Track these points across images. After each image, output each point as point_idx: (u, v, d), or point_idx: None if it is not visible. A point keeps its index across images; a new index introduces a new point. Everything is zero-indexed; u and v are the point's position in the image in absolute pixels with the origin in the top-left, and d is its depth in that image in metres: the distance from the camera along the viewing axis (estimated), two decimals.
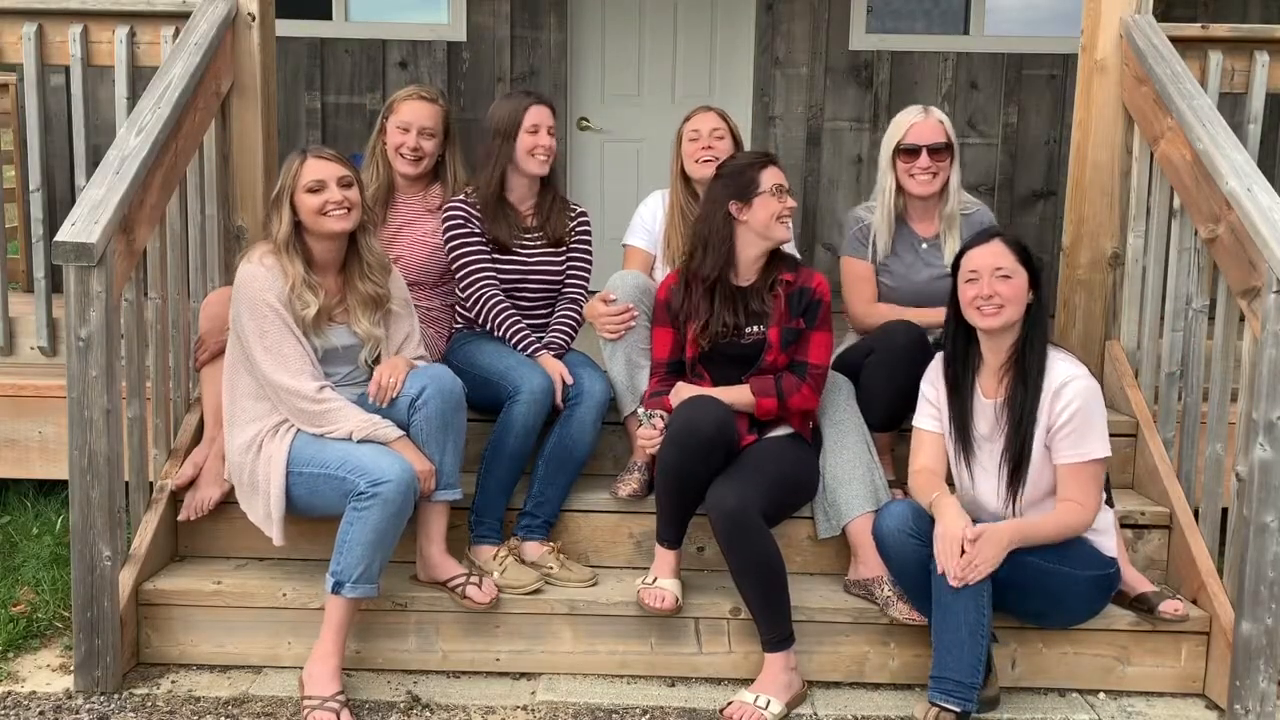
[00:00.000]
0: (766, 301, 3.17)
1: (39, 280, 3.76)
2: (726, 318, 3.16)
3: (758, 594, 2.93)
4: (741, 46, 6.24)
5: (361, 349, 3.11)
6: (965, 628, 2.73)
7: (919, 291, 3.48)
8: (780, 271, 3.20)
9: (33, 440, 3.74)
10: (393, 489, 2.83)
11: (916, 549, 2.83)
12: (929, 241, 3.53)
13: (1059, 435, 2.84)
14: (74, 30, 3.61)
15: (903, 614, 2.99)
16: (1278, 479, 2.83)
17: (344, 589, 2.85)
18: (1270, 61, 3.61)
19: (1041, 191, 6.22)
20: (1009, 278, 2.84)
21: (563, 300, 3.56)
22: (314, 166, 3.01)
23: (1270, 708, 2.88)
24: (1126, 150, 3.62)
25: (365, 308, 3.09)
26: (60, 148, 4.81)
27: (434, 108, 3.58)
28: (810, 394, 3.16)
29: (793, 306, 3.18)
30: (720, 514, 2.92)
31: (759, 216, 3.13)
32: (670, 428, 3.04)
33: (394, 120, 3.56)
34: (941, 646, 2.76)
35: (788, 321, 3.17)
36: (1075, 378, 2.85)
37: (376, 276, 3.11)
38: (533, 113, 3.45)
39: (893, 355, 3.23)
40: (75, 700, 2.91)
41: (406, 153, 3.55)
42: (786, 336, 3.16)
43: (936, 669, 2.76)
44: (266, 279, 2.95)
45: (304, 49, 6.08)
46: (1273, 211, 2.90)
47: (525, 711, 2.92)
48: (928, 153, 3.43)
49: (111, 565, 2.93)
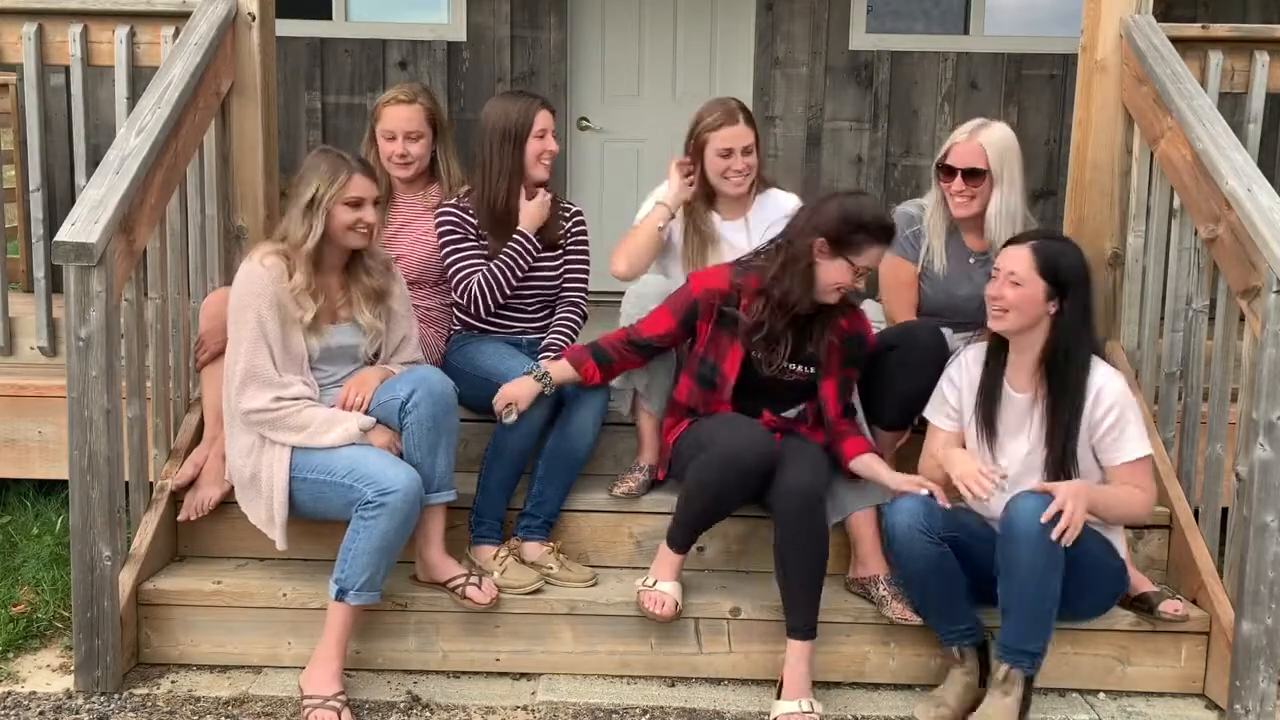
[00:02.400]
0: (821, 347, 3.10)
1: (39, 280, 3.76)
2: (783, 345, 3.06)
3: (808, 576, 2.91)
4: (741, 46, 6.23)
5: (361, 345, 3.11)
6: (1052, 599, 2.76)
7: (956, 306, 3.42)
8: (838, 314, 3.11)
9: (33, 440, 3.74)
10: (400, 499, 2.83)
11: (926, 545, 2.82)
12: (977, 256, 3.44)
13: (1108, 438, 2.88)
14: (74, 30, 3.61)
15: (896, 613, 2.99)
16: (1278, 479, 2.83)
17: (348, 596, 2.85)
18: (1270, 61, 3.61)
19: (1041, 191, 6.21)
20: (1019, 285, 2.84)
21: (562, 303, 3.56)
22: (360, 184, 2.99)
23: (1270, 708, 2.88)
24: (1126, 150, 3.62)
25: (368, 300, 3.09)
26: (60, 148, 4.80)
27: (414, 109, 3.54)
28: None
29: (848, 355, 3.13)
30: (796, 491, 2.90)
31: (829, 276, 3.00)
32: (718, 448, 2.95)
33: (379, 127, 3.55)
34: (1024, 617, 2.78)
35: (842, 371, 3.13)
36: (1109, 380, 2.89)
37: (379, 271, 3.11)
38: (541, 117, 3.41)
39: (916, 355, 3.19)
40: (75, 700, 2.91)
41: (395, 159, 3.54)
42: (843, 389, 3.14)
43: (1018, 641, 2.79)
44: (263, 281, 2.94)
45: (304, 49, 6.08)
46: (1273, 211, 2.90)
47: (525, 711, 2.92)
48: (962, 176, 3.34)
49: (111, 565, 2.93)
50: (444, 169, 3.64)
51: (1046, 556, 2.72)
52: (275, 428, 2.94)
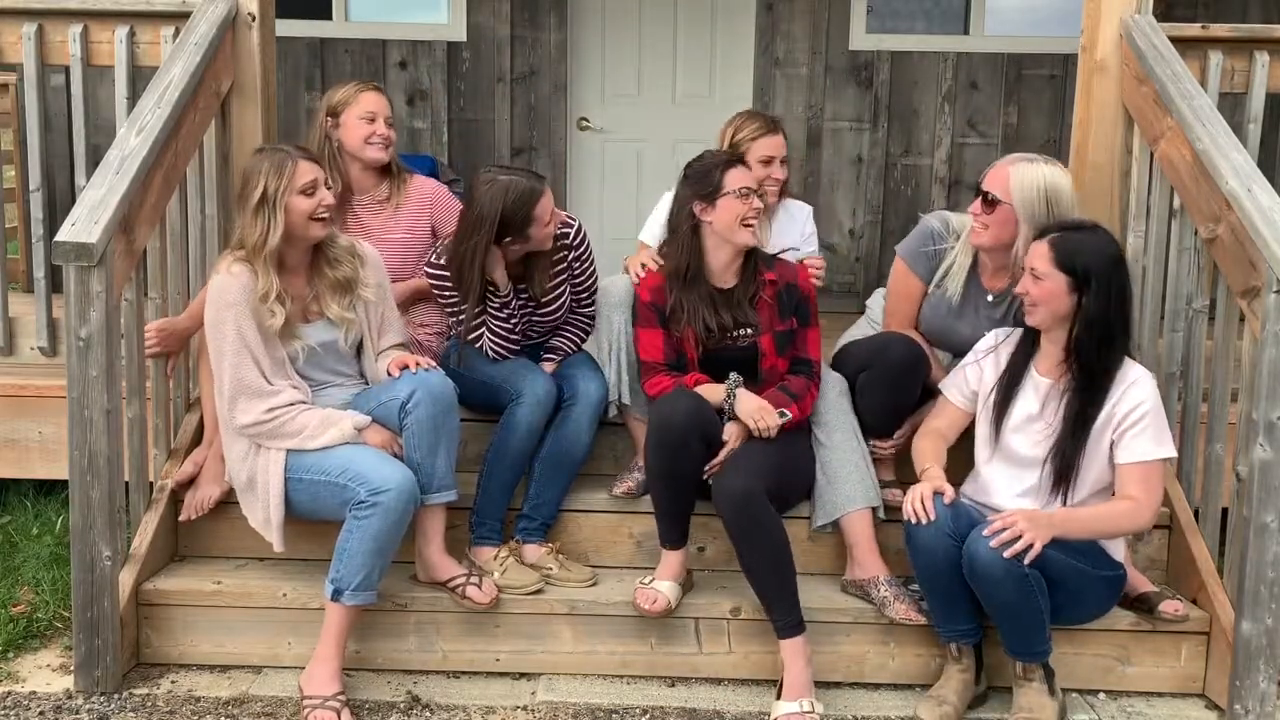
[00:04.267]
0: (752, 306, 3.14)
1: (39, 280, 3.75)
2: (709, 319, 3.12)
3: (772, 577, 2.91)
4: (741, 46, 6.23)
5: (338, 339, 3.09)
6: (1036, 616, 2.80)
7: (949, 341, 3.31)
8: (761, 271, 3.17)
9: (33, 440, 3.74)
10: (393, 498, 2.83)
11: (950, 548, 2.82)
12: (995, 295, 3.24)
13: (1129, 433, 2.86)
14: (74, 30, 3.61)
15: (900, 614, 2.99)
16: (1278, 479, 2.83)
17: (343, 596, 2.85)
18: (1270, 61, 3.61)
19: None
20: (1040, 280, 2.84)
21: (571, 317, 3.47)
22: (308, 168, 2.96)
23: (1270, 708, 2.88)
24: (1126, 150, 3.61)
25: (334, 292, 3.06)
26: (60, 148, 4.80)
27: (384, 96, 3.59)
28: (817, 390, 3.19)
29: (782, 307, 3.16)
30: (728, 498, 2.91)
31: (722, 219, 3.09)
32: (648, 426, 3.04)
33: (355, 113, 3.51)
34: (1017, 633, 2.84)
35: (779, 324, 3.16)
36: (1142, 378, 2.89)
37: (345, 260, 3.07)
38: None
39: (889, 372, 3.18)
40: (75, 700, 2.91)
41: (378, 140, 3.52)
42: (780, 341, 3.16)
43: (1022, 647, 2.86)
44: (235, 291, 2.91)
45: (304, 49, 6.08)
46: (1273, 211, 2.90)
47: (525, 711, 2.92)
48: (980, 199, 3.11)
49: (111, 565, 2.93)
50: (394, 163, 3.64)
51: (1015, 589, 2.75)
52: (272, 437, 2.94)
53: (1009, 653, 2.88)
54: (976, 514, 2.92)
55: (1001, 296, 3.22)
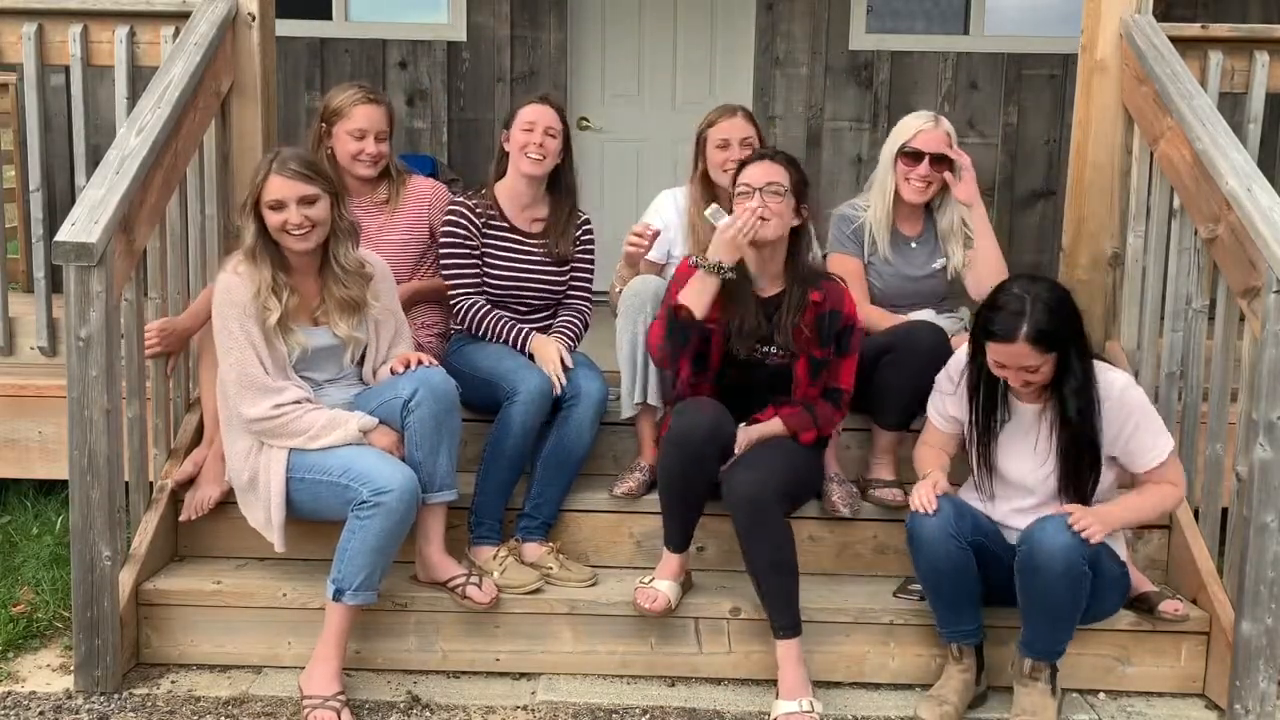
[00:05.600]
0: (790, 331, 3.07)
1: (39, 280, 3.75)
2: (746, 317, 3.06)
3: (776, 578, 2.91)
4: (741, 46, 6.24)
5: (344, 351, 3.10)
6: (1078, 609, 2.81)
7: (914, 289, 3.53)
8: (808, 290, 3.10)
9: (33, 440, 3.74)
10: (395, 498, 2.83)
11: (955, 549, 2.82)
12: (916, 240, 3.57)
13: (1131, 447, 2.87)
14: (74, 30, 3.61)
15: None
16: (1278, 479, 2.83)
17: (344, 596, 2.85)
18: (1270, 61, 3.61)
19: (1041, 191, 6.22)
20: (1036, 369, 2.78)
21: (566, 308, 3.55)
22: (275, 185, 2.92)
23: (1270, 708, 2.88)
24: (1126, 150, 3.62)
25: (342, 311, 3.05)
26: (60, 148, 4.80)
27: (382, 109, 3.52)
28: (840, 419, 3.19)
29: (822, 333, 3.09)
30: (740, 498, 2.90)
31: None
32: (668, 431, 3.01)
33: (345, 127, 3.46)
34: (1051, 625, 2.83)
35: (817, 351, 3.10)
36: (1116, 384, 2.87)
37: (351, 283, 3.05)
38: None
39: (916, 358, 3.18)
40: (75, 700, 2.91)
41: (366, 159, 3.49)
42: (814, 369, 3.12)
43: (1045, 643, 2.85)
44: (239, 289, 2.93)
45: (304, 49, 6.09)
46: (1273, 211, 2.90)
47: (525, 711, 2.92)
48: (930, 161, 3.47)
49: (111, 565, 2.93)
50: (392, 166, 3.62)
51: (1070, 585, 2.74)
52: (278, 434, 2.94)
53: (1027, 651, 2.85)
54: (981, 517, 2.93)
55: (921, 239, 3.58)
